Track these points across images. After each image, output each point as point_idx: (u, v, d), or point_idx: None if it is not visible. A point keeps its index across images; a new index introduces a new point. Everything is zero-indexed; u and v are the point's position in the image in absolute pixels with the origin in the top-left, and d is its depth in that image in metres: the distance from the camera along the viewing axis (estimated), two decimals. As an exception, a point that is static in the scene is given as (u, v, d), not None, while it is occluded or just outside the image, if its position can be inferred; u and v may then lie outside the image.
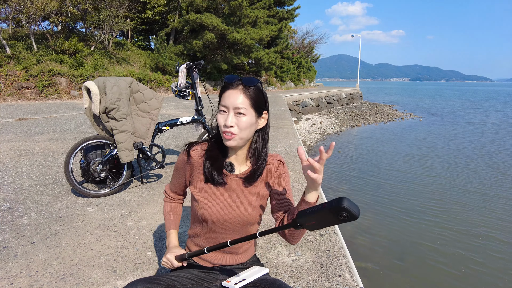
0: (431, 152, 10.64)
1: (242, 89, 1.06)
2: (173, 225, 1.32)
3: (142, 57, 18.08)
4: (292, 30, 32.46)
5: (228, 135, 1.06)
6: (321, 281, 1.67)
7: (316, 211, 0.82)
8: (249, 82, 1.07)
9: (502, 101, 43.00)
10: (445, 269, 3.93)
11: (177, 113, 8.72)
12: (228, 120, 1.05)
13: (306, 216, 0.84)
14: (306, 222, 0.85)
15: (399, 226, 5.05)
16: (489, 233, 4.84)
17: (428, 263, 4.05)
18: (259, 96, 1.09)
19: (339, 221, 0.79)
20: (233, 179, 1.16)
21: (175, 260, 1.18)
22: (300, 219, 0.85)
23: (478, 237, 4.73)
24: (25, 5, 12.16)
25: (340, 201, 0.76)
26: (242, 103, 1.04)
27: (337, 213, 0.76)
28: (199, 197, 1.17)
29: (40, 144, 4.88)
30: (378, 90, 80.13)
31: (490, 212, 5.64)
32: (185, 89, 3.31)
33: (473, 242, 4.58)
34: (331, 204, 0.77)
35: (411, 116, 21.31)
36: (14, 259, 1.85)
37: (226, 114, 1.06)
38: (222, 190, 1.16)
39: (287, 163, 3.98)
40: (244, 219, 1.16)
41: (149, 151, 3.15)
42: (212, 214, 1.15)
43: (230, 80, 1.08)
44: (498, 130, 15.89)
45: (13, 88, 11.38)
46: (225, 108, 1.06)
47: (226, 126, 1.05)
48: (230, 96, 1.06)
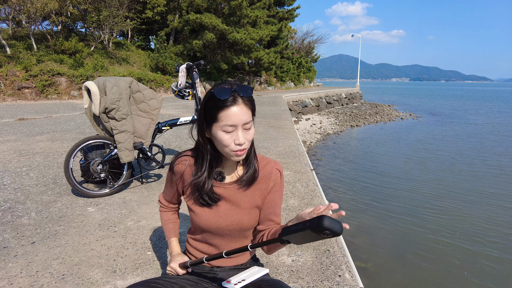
0: (431, 152, 10.64)
1: (243, 101, 0.98)
2: (173, 233, 1.31)
3: (142, 57, 18.08)
4: (292, 30, 32.44)
5: (241, 151, 1.00)
6: (321, 281, 1.67)
7: (298, 229, 0.82)
8: (245, 92, 0.98)
9: (502, 101, 42.95)
10: (445, 269, 3.93)
11: (177, 113, 8.72)
12: (240, 138, 0.98)
13: (290, 233, 0.85)
14: (290, 239, 0.86)
15: (399, 226, 5.05)
16: (490, 233, 4.84)
17: (428, 263, 4.05)
18: (253, 101, 1.03)
19: (322, 238, 0.80)
20: (225, 187, 1.12)
21: (179, 268, 1.17)
22: (285, 236, 0.86)
23: (479, 237, 4.73)
24: (25, 5, 12.16)
25: (321, 220, 0.76)
26: (248, 117, 0.98)
27: (320, 231, 0.77)
28: (193, 207, 1.15)
29: (40, 144, 4.88)
30: (378, 90, 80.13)
31: (491, 213, 5.64)
32: (185, 89, 3.31)
33: (473, 242, 4.57)
34: (312, 224, 0.78)
35: (411, 116, 21.31)
36: (14, 259, 1.85)
37: (233, 133, 0.98)
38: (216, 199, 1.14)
39: (287, 163, 3.99)
40: (240, 226, 1.15)
41: (149, 151, 3.15)
42: (207, 223, 1.14)
43: (225, 95, 0.95)
44: (500, 131, 15.87)
45: (13, 88, 11.38)
46: (232, 128, 0.97)
47: (239, 145, 0.98)
48: (236, 114, 0.96)
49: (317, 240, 0.81)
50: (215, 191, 1.12)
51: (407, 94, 60.40)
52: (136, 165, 3.60)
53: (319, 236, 0.78)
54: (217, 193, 1.12)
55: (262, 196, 1.15)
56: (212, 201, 1.11)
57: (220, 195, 1.12)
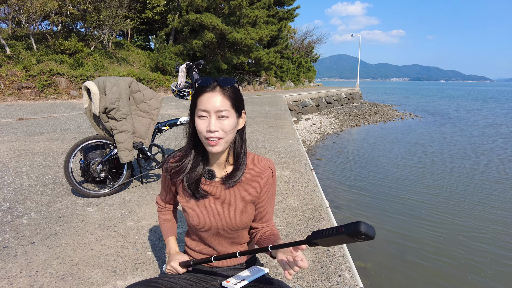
0: (431, 152, 10.64)
1: (220, 90, 1.00)
2: (171, 232, 1.31)
3: (142, 57, 18.08)
4: (292, 30, 32.44)
5: (213, 140, 1.00)
6: (321, 281, 1.67)
7: (332, 234, 0.84)
8: (226, 82, 1.01)
9: (503, 101, 42.93)
10: (445, 269, 3.93)
11: (177, 113, 8.72)
12: (211, 125, 0.98)
13: (321, 237, 0.86)
14: (320, 242, 0.88)
15: (399, 226, 5.05)
16: (490, 234, 4.84)
17: (428, 263, 4.05)
18: (237, 95, 1.04)
19: (354, 241, 0.82)
20: (216, 186, 1.12)
21: (179, 267, 1.17)
22: (315, 239, 0.88)
23: (479, 237, 4.74)
24: (24, 5, 12.15)
25: (358, 226, 0.78)
26: (223, 105, 0.99)
27: (354, 236, 0.79)
28: (186, 206, 1.16)
29: (40, 144, 4.87)
30: (378, 90, 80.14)
31: (492, 213, 5.64)
32: (184, 89, 3.31)
33: (474, 242, 4.58)
34: (348, 229, 0.80)
35: (410, 116, 21.31)
36: (14, 259, 1.85)
37: (207, 119, 1.00)
38: (207, 198, 1.14)
39: (287, 162, 3.99)
40: (233, 225, 1.15)
41: (149, 151, 3.15)
42: (200, 222, 1.14)
43: (205, 82, 1.01)
44: (504, 133, 15.86)
45: (13, 88, 11.38)
46: (205, 113, 1.00)
47: (210, 132, 0.99)
48: (209, 99, 0.99)
49: (348, 243, 0.84)
50: (204, 189, 1.13)
51: (407, 94, 60.42)
52: (136, 165, 3.60)
53: (352, 239, 0.81)
54: (206, 190, 1.13)
55: (254, 194, 1.15)
56: (200, 196, 1.12)
57: (209, 193, 1.13)
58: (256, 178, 1.14)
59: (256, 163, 1.15)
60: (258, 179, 1.14)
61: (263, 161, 1.15)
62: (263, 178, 1.14)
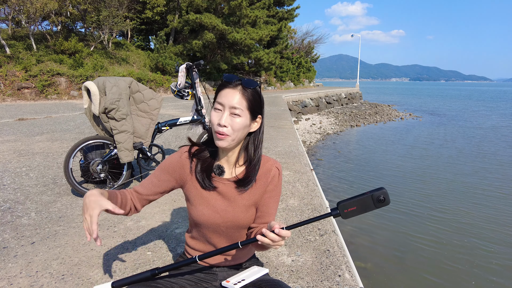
0: (431, 152, 10.64)
1: (241, 89, 1.04)
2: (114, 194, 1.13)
3: (141, 57, 18.07)
4: (291, 30, 32.45)
5: (220, 134, 1.03)
6: (321, 281, 1.67)
7: (360, 195, 0.97)
8: (248, 83, 1.05)
9: (504, 101, 42.89)
10: (445, 269, 3.93)
11: (177, 113, 8.72)
12: (223, 119, 1.02)
13: (349, 202, 0.97)
14: (347, 208, 0.97)
15: (399, 226, 5.05)
16: (491, 234, 4.84)
17: (428, 263, 4.05)
18: (256, 99, 1.07)
19: (375, 207, 0.97)
20: (224, 183, 1.14)
21: (96, 220, 0.99)
22: (343, 205, 0.97)
23: (479, 237, 4.74)
24: (24, 5, 12.15)
25: (381, 188, 0.97)
26: (238, 103, 1.02)
27: (377, 197, 0.95)
28: (192, 199, 1.17)
29: (39, 144, 4.87)
30: (377, 90, 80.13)
31: (492, 213, 5.64)
32: (184, 89, 3.31)
33: (474, 242, 4.58)
34: (373, 191, 0.97)
35: (410, 116, 21.32)
36: (14, 259, 1.85)
37: (221, 113, 1.04)
38: (214, 193, 1.14)
39: (286, 163, 3.99)
40: (236, 224, 1.15)
41: (149, 151, 3.15)
42: (203, 217, 1.14)
43: (229, 79, 1.05)
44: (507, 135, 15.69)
45: (13, 88, 11.38)
46: (221, 106, 1.04)
47: (220, 125, 1.02)
48: (227, 94, 1.03)
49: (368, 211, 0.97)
50: (212, 183, 1.14)
51: (407, 94, 60.41)
52: (136, 165, 3.60)
53: (372, 205, 0.96)
54: (214, 185, 1.14)
55: (260, 193, 1.16)
56: (208, 186, 1.14)
57: (216, 188, 1.14)
58: (262, 177, 1.15)
59: (264, 162, 1.17)
60: (264, 178, 1.15)
61: (271, 161, 1.18)
62: (269, 176, 1.16)
